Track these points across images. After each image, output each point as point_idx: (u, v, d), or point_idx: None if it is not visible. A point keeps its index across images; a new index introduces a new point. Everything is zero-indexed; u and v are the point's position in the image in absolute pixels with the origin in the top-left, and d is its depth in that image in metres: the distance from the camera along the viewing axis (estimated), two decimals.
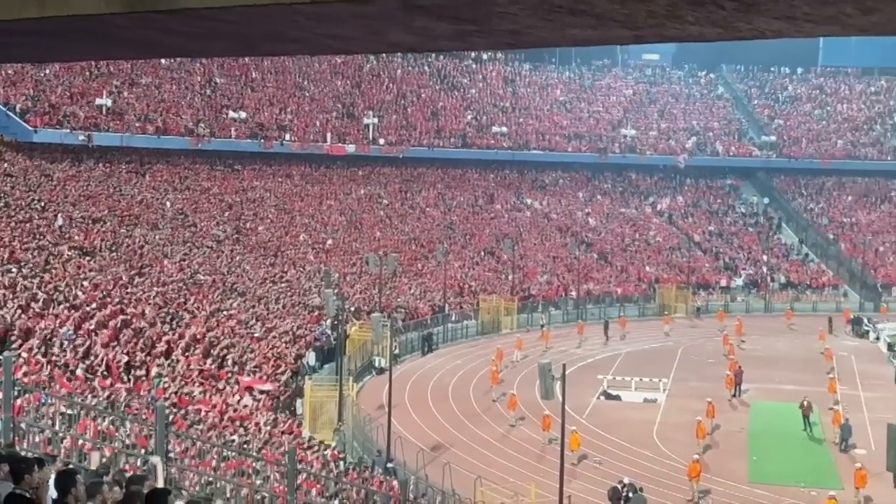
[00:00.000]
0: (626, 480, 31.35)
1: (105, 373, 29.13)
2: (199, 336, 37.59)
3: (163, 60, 74.65)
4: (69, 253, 42.42)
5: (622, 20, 3.36)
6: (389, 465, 33.82)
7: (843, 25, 3.46)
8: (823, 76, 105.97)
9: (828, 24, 3.37)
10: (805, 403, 40.92)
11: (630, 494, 30.22)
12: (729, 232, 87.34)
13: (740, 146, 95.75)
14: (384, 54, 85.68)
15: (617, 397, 46.12)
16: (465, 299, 65.76)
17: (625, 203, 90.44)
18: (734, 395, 46.13)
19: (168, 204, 62.76)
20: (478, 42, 4.17)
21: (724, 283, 78.19)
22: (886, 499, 31.15)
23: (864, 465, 32.73)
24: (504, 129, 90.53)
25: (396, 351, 50.08)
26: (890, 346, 57.47)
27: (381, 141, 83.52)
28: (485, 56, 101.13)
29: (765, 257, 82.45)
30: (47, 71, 69.13)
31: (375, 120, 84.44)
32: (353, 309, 53.59)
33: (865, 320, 66.38)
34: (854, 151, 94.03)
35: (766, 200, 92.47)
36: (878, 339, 61.79)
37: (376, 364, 49.84)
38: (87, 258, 43.48)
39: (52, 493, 8.28)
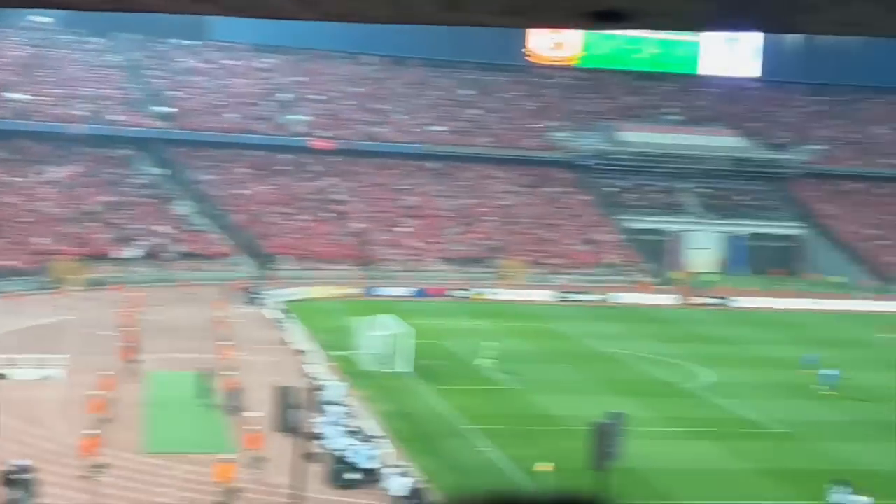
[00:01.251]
0: (17, 463, 29.89)
1: None
2: None
3: None
4: None
5: None
6: None
7: (222, 7, 3.53)
8: (218, 50, 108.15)
9: (202, 4, 3.41)
10: (201, 371, 42.04)
11: (21, 477, 28.90)
12: (127, 203, 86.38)
13: (137, 116, 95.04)
14: None
15: (5, 376, 43.89)
16: None
17: (15, 171, 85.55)
18: (131, 366, 46.01)
19: None
20: None
21: (122, 254, 77.36)
22: (278, 456, 32.99)
23: (255, 426, 34.27)
24: None
25: None
26: (279, 312, 60.95)
27: None
28: None
29: (162, 228, 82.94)
30: None
31: None
32: None
33: (257, 289, 69.65)
34: (247, 125, 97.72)
35: (163, 171, 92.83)
36: (267, 306, 65.09)
37: None
38: None
39: None
